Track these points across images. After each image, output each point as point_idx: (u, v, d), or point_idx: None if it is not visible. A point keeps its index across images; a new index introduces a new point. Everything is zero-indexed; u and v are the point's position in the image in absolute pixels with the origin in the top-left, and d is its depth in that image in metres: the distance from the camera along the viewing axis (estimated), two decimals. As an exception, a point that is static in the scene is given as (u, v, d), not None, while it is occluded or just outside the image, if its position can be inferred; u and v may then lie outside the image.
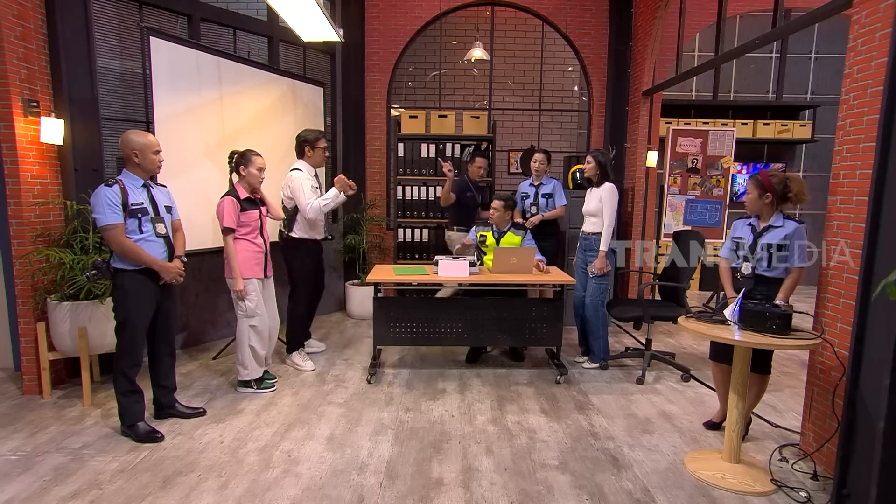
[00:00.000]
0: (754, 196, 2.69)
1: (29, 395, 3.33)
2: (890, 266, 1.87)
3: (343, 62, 5.64)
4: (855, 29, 2.37)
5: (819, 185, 7.32)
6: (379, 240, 5.83)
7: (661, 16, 4.99)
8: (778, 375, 3.91)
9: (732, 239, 2.83)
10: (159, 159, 2.81)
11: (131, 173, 2.74)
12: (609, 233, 3.72)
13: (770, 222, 2.68)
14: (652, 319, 3.79)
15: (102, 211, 2.61)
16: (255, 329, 3.37)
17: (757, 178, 2.69)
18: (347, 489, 2.37)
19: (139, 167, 2.74)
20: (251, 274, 3.33)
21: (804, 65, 7.26)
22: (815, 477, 2.49)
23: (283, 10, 3.35)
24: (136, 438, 2.78)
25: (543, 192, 4.46)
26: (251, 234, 3.34)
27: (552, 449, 2.77)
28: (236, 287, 3.26)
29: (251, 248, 3.34)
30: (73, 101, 3.44)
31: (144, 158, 2.73)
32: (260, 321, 3.38)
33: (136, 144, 2.72)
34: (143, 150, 2.72)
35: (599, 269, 3.76)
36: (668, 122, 6.44)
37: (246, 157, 3.35)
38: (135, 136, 2.74)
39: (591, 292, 3.86)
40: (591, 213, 3.85)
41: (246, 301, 3.31)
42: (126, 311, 2.75)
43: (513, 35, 7.20)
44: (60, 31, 3.36)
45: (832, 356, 2.45)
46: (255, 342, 3.38)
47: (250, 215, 3.33)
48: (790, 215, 2.69)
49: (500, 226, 4.03)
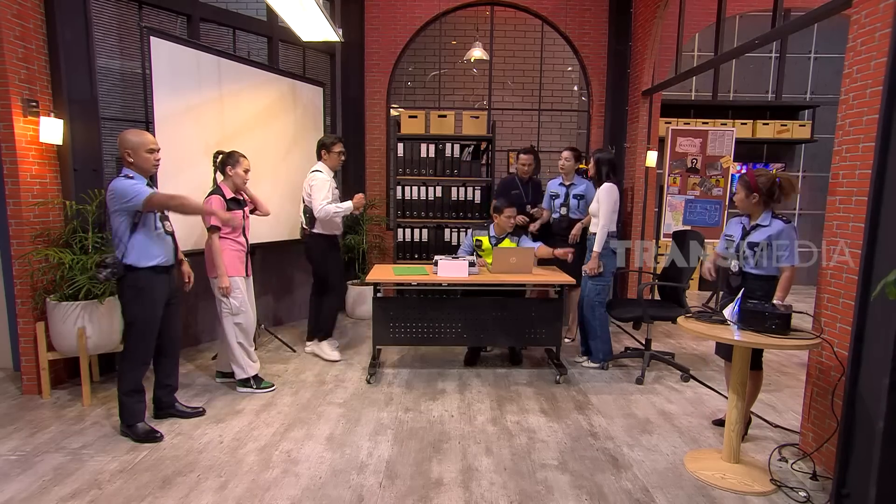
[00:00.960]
0: (742, 196, 2.73)
1: (28, 395, 3.33)
2: (889, 266, 1.88)
3: (343, 62, 5.64)
4: (854, 29, 2.37)
5: (818, 185, 7.33)
6: (378, 240, 5.83)
7: (661, 16, 4.99)
8: (777, 375, 3.92)
9: (725, 236, 2.88)
10: (154, 158, 2.77)
11: (134, 172, 2.72)
12: (603, 234, 3.70)
13: (758, 221, 2.70)
14: (651, 319, 3.79)
15: (136, 190, 2.61)
16: (240, 326, 3.39)
17: (744, 178, 2.73)
18: (347, 489, 2.37)
19: (134, 166, 2.72)
20: (235, 272, 3.37)
21: (804, 65, 7.26)
22: (814, 477, 2.49)
23: (282, 10, 3.34)
24: (135, 438, 2.78)
25: (575, 193, 4.29)
26: (234, 233, 3.38)
27: (552, 449, 2.77)
28: (221, 284, 3.28)
29: (234, 247, 3.39)
30: (72, 101, 3.44)
31: (137, 157, 2.70)
32: (245, 318, 3.41)
33: (129, 143, 2.69)
34: (135, 149, 2.70)
35: (591, 269, 3.77)
36: (667, 122, 6.44)
37: (233, 157, 3.40)
38: (130, 135, 2.72)
39: (587, 292, 3.86)
40: (593, 213, 3.85)
41: (231, 298, 3.33)
42: (138, 309, 2.75)
43: (512, 35, 7.20)
44: (60, 30, 3.35)
45: (831, 356, 2.45)
46: (243, 339, 3.41)
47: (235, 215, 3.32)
48: (779, 215, 2.69)
49: (499, 232, 4.01)
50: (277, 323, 5.08)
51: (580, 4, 5.78)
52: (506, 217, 3.91)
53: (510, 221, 3.93)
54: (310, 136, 4.82)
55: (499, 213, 3.93)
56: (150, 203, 2.63)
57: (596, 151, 3.90)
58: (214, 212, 2.92)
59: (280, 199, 4.48)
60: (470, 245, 4.14)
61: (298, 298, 5.30)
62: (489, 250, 3.97)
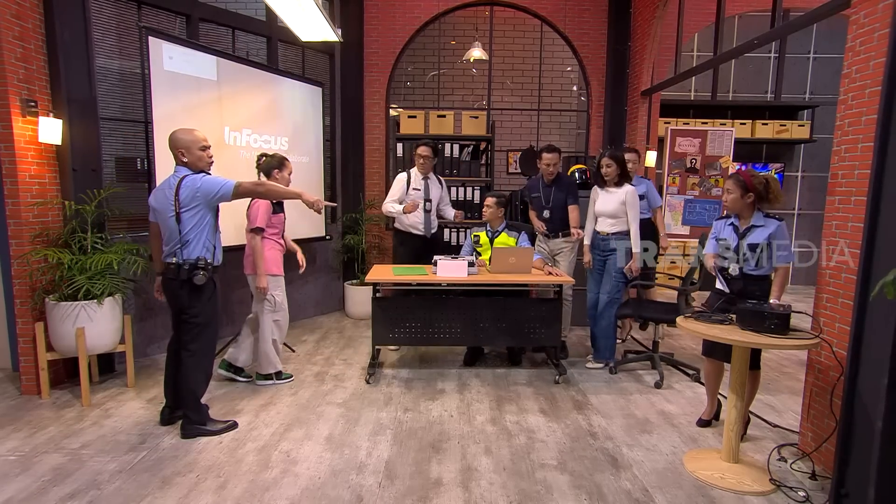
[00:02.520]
0: (736, 196, 2.70)
1: (27, 395, 3.33)
2: (888, 266, 1.87)
3: (342, 62, 5.64)
4: (853, 29, 2.37)
5: (818, 185, 7.33)
6: (378, 240, 5.83)
7: (660, 16, 4.99)
8: (776, 375, 3.92)
9: (716, 239, 2.84)
10: (208, 155, 2.75)
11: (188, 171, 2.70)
12: (638, 235, 3.72)
13: (752, 222, 2.69)
14: (641, 319, 3.81)
15: (221, 182, 2.65)
16: (277, 324, 3.51)
17: (738, 178, 2.70)
18: (346, 489, 2.37)
19: (189, 164, 2.70)
20: (277, 270, 3.47)
21: (803, 65, 7.27)
22: (813, 476, 2.49)
23: (281, 10, 3.34)
24: (214, 432, 2.84)
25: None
26: (276, 234, 3.48)
27: (551, 449, 2.77)
28: (261, 284, 3.33)
29: (276, 248, 3.48)
30: (71, 100, 3.43)
31: (191, 155, 2.69)
32: (283, 315, 3.53)
33: (181, 142, 2.69)
34: (188, 147, 2.69)
35: (637, 269, 3.74)
36: (666, 122, 6.44)
37: (282, 162, 3.48)
38: (181, 133, 2.71)
39: (609, 290, 3.82)
40: (612, 214, 3.76)
41: (275, 294, 3.44)
42: (213, 308, 2.78)
43: (512, 35, 7.20)
44: (59, 30, 3.35)
45: (830, 356, 2.45)
46: (277, 335, 3.53)
47: (279, 217, 3.47)
48: (771, 214, 2.70)
49: (493, 224, 4.02)
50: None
51: (579, 4, 5.78)
52: (485, 206, 3.96)
53: (487, 211, 3.94)
54: (309, 137, 4.82)
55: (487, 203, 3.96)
56: (239, 191, 2.65)
57: (609, 150, 3.81)
58: (301, 193, 2.83)
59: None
60: (470, 245, 4.13)
61: (297, 299, 5.30)
62: (486, 245, 3.97)
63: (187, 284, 2.70)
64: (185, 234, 2.66)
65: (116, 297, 3.33)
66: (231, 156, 4.05)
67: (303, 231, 4.76)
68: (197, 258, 2.68)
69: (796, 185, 7.44)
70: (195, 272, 2.66)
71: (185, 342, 2.80)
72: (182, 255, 2.67)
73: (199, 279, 2.67)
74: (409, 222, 4.31)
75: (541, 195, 4.09)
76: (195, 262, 2.67)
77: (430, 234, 4.37)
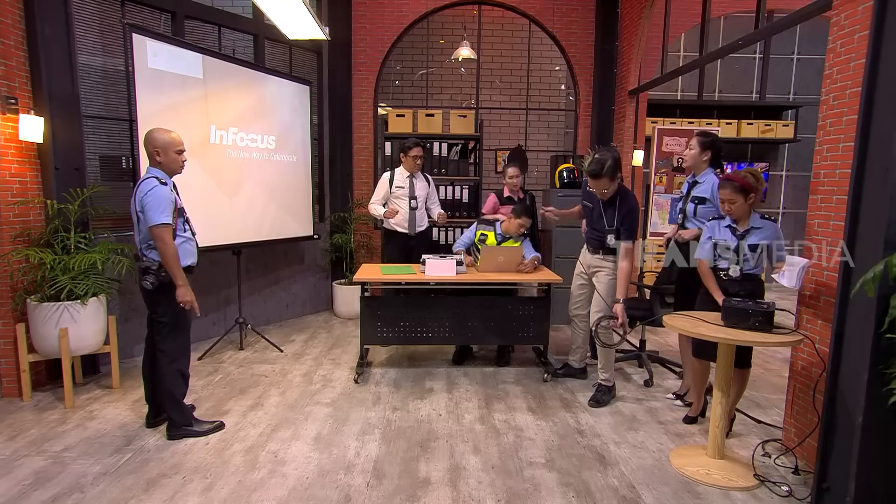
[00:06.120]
0: (740, 202, 2.63)
1: (8, 397, 3.27)
2: (868, 264, 1.91)
3: (330, 60, 5.60)
4: (834, 31, 2.41)
5: (801, 185, 7.44)
6: (366, 239, 5.81)
7: (647, 16, 5.03)
8: (761, 372, 3.97)
9: (712, 241, 2.77)
10: (182, 159, 2.74)
11: (160, 171, 2.67)
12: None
13: (751, 224, 2.69)
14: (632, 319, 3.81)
15: (164, 210, 2.56)
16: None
17: (734, 184, 2.62)
18: (334, 489, 2.36)
19: (161, 166, 2.67)
20: None
21: (787, 65, 7.37)
22: (796, 471, 2.53)
23: (268, 8, 3.32)
24: (201, 433, 2.81)
25: (696, 195, 3.15)
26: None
27: (539, 447, 2.78)
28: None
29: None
30: (53, 98, 3.37)
31: (167, 157, 2.67)
32: None
33: (158, 142, 2.65)
34: (165, 149, 2.66)
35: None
36: (653, 122, 6.49)
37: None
38: (158, 133, 2.67)
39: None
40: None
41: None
42: (179, 309, 2.72)
43: (500, 34, 7.20)
44: (39, 26, 3.29)
45: (813, 353, 2.49)
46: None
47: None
48: (765, 215, 2.72)
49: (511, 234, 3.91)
50: (264, 323, 5.04)
51: (567, 4, 5.80)
52: (518, 225, 3.81)
53: (520, 230, 3.87)
54: (296, 136, 4.79)
55: (518, 216, 3.80)
56: (157, 233, 2.56)
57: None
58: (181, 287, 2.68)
59: (265, 199, 4.45)
60: (470, 238, 4.08)
61: (285, 298, 5.27)
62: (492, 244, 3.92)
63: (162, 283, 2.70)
64: (144, 234, 2.64)
65: (101, 297, 3.29)
66: (217, 155, 4.00)
67: (291, 230, 4.75)
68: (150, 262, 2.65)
69: (781, 185, 7.54)
70: (144, 278, 2.65)
71: (157, 342, 2.78)
72: (148, 256, 2.66)
73: (146, 283, 2.64)
74: (395, 220, 4.31)
75: (592, 208, 3.42)
76: (147, 266, 2.64)
77: (414, 231, 4.34)
